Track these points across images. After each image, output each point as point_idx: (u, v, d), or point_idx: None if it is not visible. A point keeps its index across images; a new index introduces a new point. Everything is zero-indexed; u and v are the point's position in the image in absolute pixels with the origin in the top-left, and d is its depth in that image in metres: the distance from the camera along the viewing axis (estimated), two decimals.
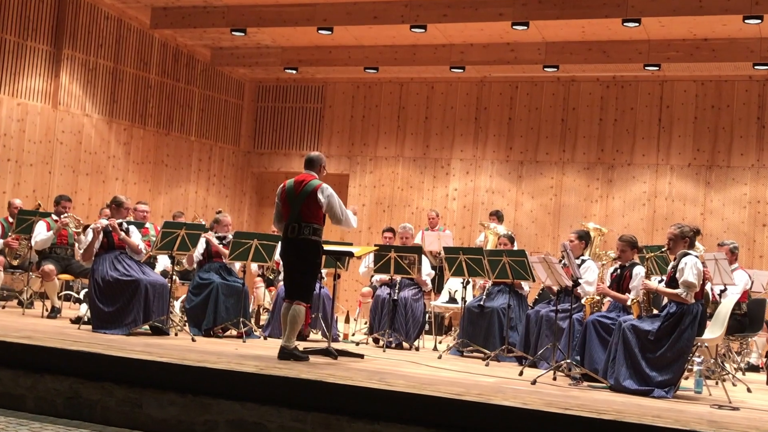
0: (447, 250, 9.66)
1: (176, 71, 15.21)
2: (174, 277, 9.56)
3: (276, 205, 7.69)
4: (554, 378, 7.41)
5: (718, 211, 13.62)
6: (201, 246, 9.58)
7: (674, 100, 14.04)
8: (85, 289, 9.99)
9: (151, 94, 14.81)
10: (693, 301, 7.05)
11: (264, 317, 10.79)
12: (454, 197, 15.11)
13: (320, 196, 7.46)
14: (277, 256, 9.94)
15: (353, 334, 10.67)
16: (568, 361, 7.52)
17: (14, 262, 10.56)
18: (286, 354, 7.29)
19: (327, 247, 7.96)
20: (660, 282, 7.61)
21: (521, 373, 7.67)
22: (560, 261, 8.27)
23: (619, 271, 8.00)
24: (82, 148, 13.75)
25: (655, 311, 7.38)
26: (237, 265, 9.78)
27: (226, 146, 16.16)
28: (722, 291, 8.95)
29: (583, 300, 8.19)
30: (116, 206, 9.11)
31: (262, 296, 11.21)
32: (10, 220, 10.76)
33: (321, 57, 14.79)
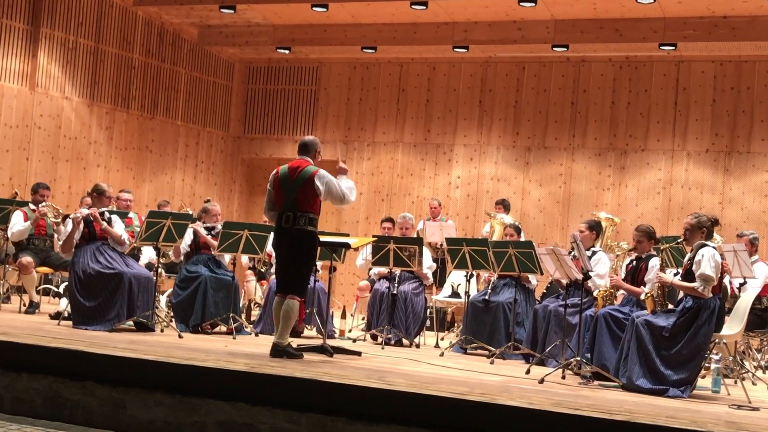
0: (449, 242, 9.67)
1: (161, 51, 15.18)
2: (159, 269, 9.57)
3: (268, 192, 7.68)
4: (563, 377, 7.43)
5: (738, 200, 13.63)
6: (188, 237, 9.58)
7: (691, 81, 14.03)
8: (65, 283, 10.00)
9: (134, 76, 14.78)
10: (710, 295, 7.06)
11: (255, 312, 10.81)
12: (457, 185, 15.11)
13: (318, 183, 7.46)
14: (269, 248, 9.95)
15: (350, 331, 10.69)
16: (578, 358, 7.54)
17: None
18: (279, 351, 7.30)
19: (323, 239, 7.97)
20: (675, 275, 7.62)
21: (528, 372, 7.69)
22: (570, 253, 8.28)
23: (634, 262, 8.01)
24: (61, 132, 13.73)
25: (671, 306, 7.39)
26: (226, 258, 9.78)
27: (214, 131, 16.14)
28: (741, 284, 8.96)
29: (594, 293, 8.20)
30: (98, 195, 9.11)
31: (253, 290, 11.22)
32: None
33: (315, 36, 14.76)
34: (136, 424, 5.93)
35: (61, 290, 10.88)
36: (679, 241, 7.77)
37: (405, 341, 9.69)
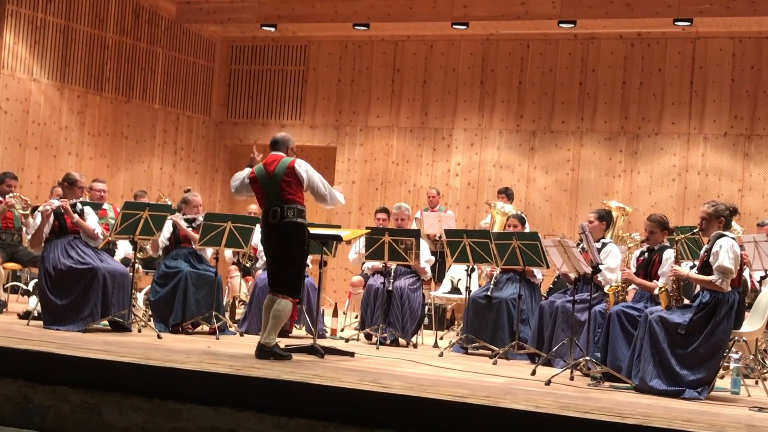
0: (449, 233, 9.67)
1: (137, 29, 15.14)
2: (136, 265, 9.55)
3: (242, 180, 7.74)
4: (571, 378, 7.44)
5: (758, 187, 13.65)
6: (167, 230, 9.57)
7: (708, 59, 14.03)
8: (35, 280, 9.98)
9: (108, 56, 14.74)
10: (729, 289, 7.07)
11: (240, 311, 10.81)
12: (457, 173, 15.11)
13: (299, 170, 7.50)
14: (254, 241, 9.95)
15: (342, 330, 10.69)
16: (587, 358, 7.55)
17: None
18: (266, 352, 7.31)
19: (312, 231, 7.98)
20: (692, 268, 7.63)
21: (534, 373, 7.71)
22: (578, 245, 8.29)
23: (646, 255, 8.02)
24: (29, 118, 13.70)
25: (686, 301, 7.41)
26: (209, 252, 9.77)
27: (194, 115, 16.12)
28: (762, 278, 8.99)
29: (605, 288, 8.21)
30: (69, 185, 9.09)
31: (238, 287, 11.23)
32: None
33: (303, 12, 14.73)
34: (111, 430, 5.93)
35: (30, 288, 10.87)
36: (695, 231, 7.78)
37: (401, 341, 9.70)
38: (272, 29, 15.39)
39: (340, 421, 5.50)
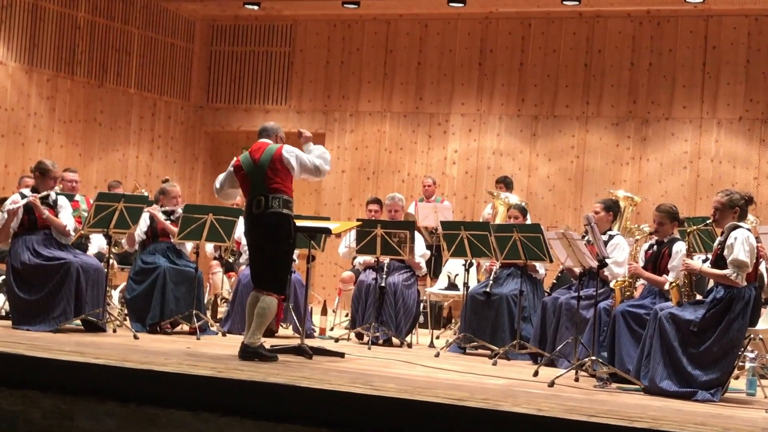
0: (445, 226, 9.68)
1: (110, 8, 15.09)
2: (111, 261, 9.54)
3: (227, 172, 7.76)
4: (576, 379, 7.47)
5: None
6: (144, 223, 9.57)
7: (722, 39, 14.04)
8: (2, 277, 9.96)
9: (80, 37, 14.70)
10: (744, 283, 7.09)
11: (222, 309, 10.81)
12: (454, 161, 15.12)
13: (287, 156, 7.55)
14: (237, 234, 9.94)
15: (332, 329, 10.71)
16: (593, 358, 7.57)
17: None
18: (250, 353, 7.32)
19: (299, 223, 7.99)
20: (704, 261, 7.65)
21: (536, 374, 7.72)
22: (583, 237, 8.30)
23: (655, 248, 8.04)
24: None
25: (699, 297, 7.42)
26: (188, 246, 9.77)
27: (173, 100, 16.09)
28: None
29: (611, 284, 8.23)
30: (41, 174, 9.05)
31: (220, 283, 11.23)
32: None
33: None
34: None
35: None
36: (707, 222, 7.80)
37: (395, 340, 9.72)
38: (255, 7, 15.36)
39: (329, 426, 5.51)
